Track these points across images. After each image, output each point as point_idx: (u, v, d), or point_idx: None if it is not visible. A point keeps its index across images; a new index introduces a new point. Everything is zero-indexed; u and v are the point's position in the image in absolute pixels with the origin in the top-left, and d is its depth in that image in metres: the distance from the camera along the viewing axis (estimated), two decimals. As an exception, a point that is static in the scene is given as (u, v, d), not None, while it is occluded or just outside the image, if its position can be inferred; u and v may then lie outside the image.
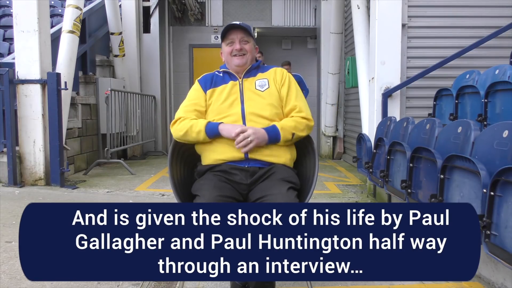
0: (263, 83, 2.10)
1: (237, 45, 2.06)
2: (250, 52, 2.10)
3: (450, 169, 2.43)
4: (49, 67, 4.81)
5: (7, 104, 4.56)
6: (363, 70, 4.96)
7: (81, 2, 5.38)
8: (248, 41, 2.09)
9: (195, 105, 2.07)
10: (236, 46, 2.06)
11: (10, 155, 4.54)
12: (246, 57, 2.08)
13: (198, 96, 2.10)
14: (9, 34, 7.05)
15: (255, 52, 2.16)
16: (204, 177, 1.99)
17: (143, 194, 4.54)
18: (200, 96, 2.09)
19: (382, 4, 4.36)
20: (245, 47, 2.08)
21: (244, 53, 2.07)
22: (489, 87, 3.20)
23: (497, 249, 1.97)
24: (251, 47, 2.10)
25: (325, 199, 4.41)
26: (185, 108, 2.08)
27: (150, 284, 2.30)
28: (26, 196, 4.18)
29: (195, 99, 2.09)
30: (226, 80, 2.11)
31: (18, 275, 2.34)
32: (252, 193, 1.93)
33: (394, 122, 3.91)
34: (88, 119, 6.30)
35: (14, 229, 3.13)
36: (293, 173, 2.00)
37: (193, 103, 2.08)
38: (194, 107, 2.07)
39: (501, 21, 4.47)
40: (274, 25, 9.40)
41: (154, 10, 8.35)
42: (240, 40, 2.07)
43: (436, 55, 4.53)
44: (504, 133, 2.23)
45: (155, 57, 8.40)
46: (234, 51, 2.07)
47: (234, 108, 2.03)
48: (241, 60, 2.08)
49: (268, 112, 2.03)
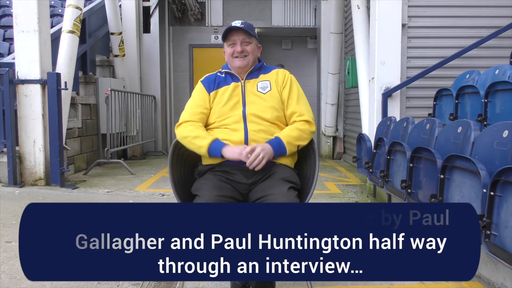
0: (265, 85, 2.09)
1: (238, 47, 2.05)
2: (252, 54, 2.08)
3: (450, 169, 2.43)
4: (49, 67, 4.81)
5: (7, 104, 4.56)
6: (363, 70, 4.96)
7: (81, 2, 5.38)
8: (250, 42, 2.07)
9: (201, 107, 2.06)
10: (238, 48, 2.05)
11: (10, 155, 4.54)
12: (247, 58, 2.07)
13: (203, 98, 2.09)
14: (9, 34, 7.05)
15: (258, 52, 2.14)
16: (204, 177, 1.99)
17: (143, 194, 4.54)
18: (205, 98, 2.08)
19: (382, 4, 4.36)
20: (246, 48, 2.06)
21: (245, 55, 2.06)
22: (489, 87, 3.20)
23: (497, 249, 1.97)
24: (252, 48, 2.08)
25: (325, 199, 4.41)
26: (191, 110, 2.07)
27: (150, 284, 2.30)
28: (26, 196, 4.18)
29: (200, 101, 2.08)
30: (228, 81, 2.10)
31: (18, 275, 2.34)
32: (252, 193, 1.93)
33: (394, 122, 3.91)
34: (88, 119, 6.30)
35: (14, 229, 3.13)
36: (294, 173, 2.00)
37: (199, 104, 2.07)
38: (200, 110, 2.06)
39: (501, 21, 4.47)
40: (274, 25, 9.39)
41: (154, 10, 8.35)
42: (241, 41, 2.06)
43: (436, 55, 4.53)
44: (504, 133, 2.23)
45: (155, 57, 8.39)
46: (236, 53, 2.05)
47: (235, 110, 2.03)
48: (243, 62, 2.07)
49: (270, 115, 2.02)
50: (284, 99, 2.07)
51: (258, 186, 1.92)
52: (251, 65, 2.10)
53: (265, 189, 1.87)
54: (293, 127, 2.01)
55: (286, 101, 2.07)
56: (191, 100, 2.12)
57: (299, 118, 2.04)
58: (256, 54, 2.12)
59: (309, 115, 2.06)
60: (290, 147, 1.96)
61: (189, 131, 1.99)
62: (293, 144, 1.97)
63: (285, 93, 2.08)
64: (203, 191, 1.84)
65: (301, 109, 2.05)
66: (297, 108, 2.06)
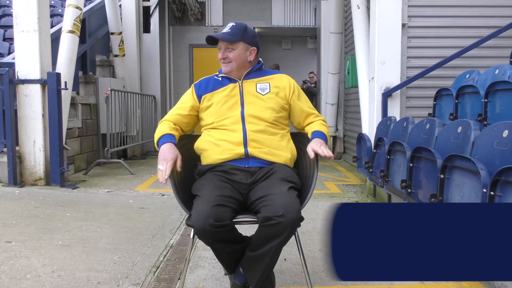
0: (264, 87, 2.10)
1: (220, 54, 2.08)
2: (235, 60, 2.06)
3: (450, 169, 2.43)
4: (49, 67, 4.81)
5: (7, 104, 4.56)
6: (363, 70, 4.96)
7: (81, 2, 5.37)
8: (234, 48, 2.06)
9: (180, 109, 2.14)
10: (219, 55, 2.08)
11: (10, 155, 4.54)
12: (230, 65, 2.08)
13: (186, 101, 2.15)
14: (9, 34, 7.06)
15: (251, 56, 2.10)
16: (204, 177, 1.99)
17: (143, 194, 4.54)
18: (187, 101, 2.14)
19: (382, 4, 4.37)
20: (229, 55, 2.06)
21: (229, 61, 2.07)
22: (489, 87, 3.20)
23: (497, 248, 1.97)
24: (236, 54, 2.06)
25: (325, 199, 4.41)
26: (172, 111, 2.17)
27: (150, 284, 2.30)
28: (26, 196, 4.18)
29: (182, 103, 2.16)
30: (225, 83, 2.12)
31: (18, 275, 2.34)
32: (252, 193, 1.93)
33: (394, 122, 3.91)
34: (88, 119, 6.30)
35: (14, 229, 3.13)
36: (294, 172, 2.01)
37: (179, 107, 2.16)
38: (178, 112, 2.14)
39: (501, 21, 4.47)
40: (274, 25, 9.40)
41: (154, 10, 8.36)
42: (225, 48, 2.07)
43: (436, 55, 4.53)
44: (504, 133, 2.23)
45: (155, 57, 8.40)
46: (220, 59, 2.09)
47: (234, 110, 2.04)
48: (226, 68, 2.09)
49: (268, 115, 2.04)
50: (295, 104, 2.12)
51: (258, 186, 1.93)
52: (236, 69, 2.09)
53: (265, 189, 1.87)
54: (318, 124, 2.13)
55: (297, 105, 2.13)
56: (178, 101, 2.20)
57: (317, 118, 2.16)
58: (245, 58, 2.09)
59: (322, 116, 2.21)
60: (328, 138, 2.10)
61: (158, 128, 2.08)
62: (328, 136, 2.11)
63: (295, 98, 2.13)
64: (204, 191, 1.85)
65: (315, 111, 2.18)
66: (311, 110, 2.16)
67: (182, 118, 2.12)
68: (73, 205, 3.92)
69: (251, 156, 1.98)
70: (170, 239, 3.04)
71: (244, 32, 2.07)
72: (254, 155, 1.98)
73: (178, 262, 2.62)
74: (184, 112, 2.12)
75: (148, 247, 2.87)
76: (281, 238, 1.74)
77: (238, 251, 1.93)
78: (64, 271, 2.42)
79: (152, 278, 2.38)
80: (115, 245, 2.87)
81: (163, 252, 2.78)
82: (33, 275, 2.35)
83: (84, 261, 2.58)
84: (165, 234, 3.14)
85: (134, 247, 2.84)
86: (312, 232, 3.24)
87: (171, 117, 2.12)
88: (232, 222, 1.78)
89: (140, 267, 2.52)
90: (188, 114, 2.12)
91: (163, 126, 2.07)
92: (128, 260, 2.62)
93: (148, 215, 3.65)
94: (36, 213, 3.58)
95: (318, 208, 3.98)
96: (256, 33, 2.21)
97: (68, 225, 3.29)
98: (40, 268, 2.45)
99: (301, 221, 1.77)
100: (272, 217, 1.71)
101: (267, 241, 1.78)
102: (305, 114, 2.14)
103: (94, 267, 2.50)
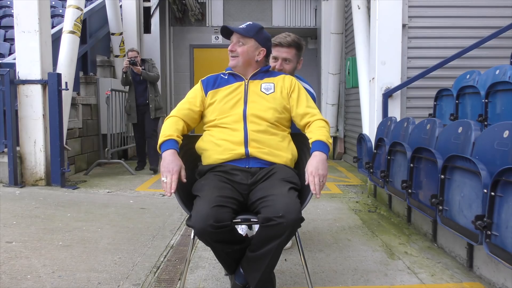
0: (269, 87, 2.11)
1: (230, 46, 2.09)
2: (242, 55, 2.07)
3: (450, 169, 2.43)
4: (50, 68, 4.81)
5: (8, 104, 4.56)
6: (364, 70, 4.96)
7: (81, 3, 5.38)
8: (244, 43, 2.08)
9: (189, 104, 2.10)
10: (229, 47, 2.09)
11: (11, 156, 4.54)
12: (237, 59, 2.08)
13: (195, 96, 2.12)
14: (10, 35, 7.07)
15: (259, 56, 2.11)
16: (204, 177, 1.99)
17: (144, 194, 4.54)
18: (197, 96, 2.12)
19: (382, 5, 4.37)
20: (237, 49, 2.07)
21: (235, 55, 2.08)
22: (490, 87, 3.20)
23: (498, 249, 1.97)
24: (245, 50, 2.07)
25: (326, 199, 4.41)
26: (179, 105, 2.12)
27: (151, 284, 2.30)
28: (26, 196, 4.18)
29: (191, 98, 2.12)
30: (230, 81, 2.12)
31: (19, 275, 2.34)
32: (252, 194, 1.92)
33: (394, 122, 3.91)
34: (88, 119, 6.30)
35: (15, 229, 3.13)
36: (294, 173, 2.00)
37: (188, 101, 2.11)
38: (187, 106, 2.10)
39: (501, 21, 4.47)
40: (274, 25, 9.39)
41: (155, 11, 8.36)
42: (236, 41, 2.08)
43: (436, 55, 4.53)
44: (504, 133, 2.23)
45: (156, 57, 8.38)
46: (229, 50, 2.09)
47: (236, 108, 2.04)
48: (232, 62, 2.10)
49: (270, 115, 2.03)
50: (294, 103, 2.10)
51: (259, 187, 1.92)
52: (242, 65, 2.09)
53: (266, 190, 1.86)
54: (316, 127, 2.02)
55: (295, 104, 2.10)
56: (185, 97, 2.16)
57: (313, 118, 2.06)
58: (252, 56, 2.10)
59: (320, 115, 2.09)
60: (329, 144, 1.97)
61: (165, 124, 2.03)
62: (329, 141, 1.98)
63: (294, 96, 2.11)
64: (204, 192, 1.84)
65: (312, 110, 2.09)
66: (308, 109, 2.08)
67: (192, 113, 2.09)
68: (73, 205, 3.93)
69: (252, 157, 1.98)
70: (171, 240, 3.04)
71: (258, 31, 2.11)
72: (255, 156, 1.98)
73: (179, 262, 2.62)
74: (194, 107, 2.09)
75: (148, 247, 2.87)
76: (281, 238, 1.74)
77: (238, 252, 1.92)
78: (65, 272, 2.42)
79: (153, 278, 2.38)
80: (115, 246, 2.87)
81: (164, 252, 2.78)
82: (33, 275, 2.35)
83: (85, 261, 2.58)
84: (165, 235, 3.14)
85: (135, 248, 2.84)
86: (312, 233, 3.24)
87: (179, 113, 2.08)
88: (232, 222, 1.78)
89: (141, 268, 2.52)
90: (198, 110, 2.10)
91: (171, 126, 2.00)
92: (129, 260, 2.62)
93: (149, 216, 3.65)
94: (37, 213, 3.58)
95: (318, 208, 3.98)
96: (271, 38, 2.23)
97: (69, 225, 3.29)
98: (40, 268, 2.45)
99: (302, 222, 1.77)
100: (273, 217, 1.71)
101: (267, 241, 1.77)
102: (301, 114, 2.09)
103: (95, 267, 2.50)
